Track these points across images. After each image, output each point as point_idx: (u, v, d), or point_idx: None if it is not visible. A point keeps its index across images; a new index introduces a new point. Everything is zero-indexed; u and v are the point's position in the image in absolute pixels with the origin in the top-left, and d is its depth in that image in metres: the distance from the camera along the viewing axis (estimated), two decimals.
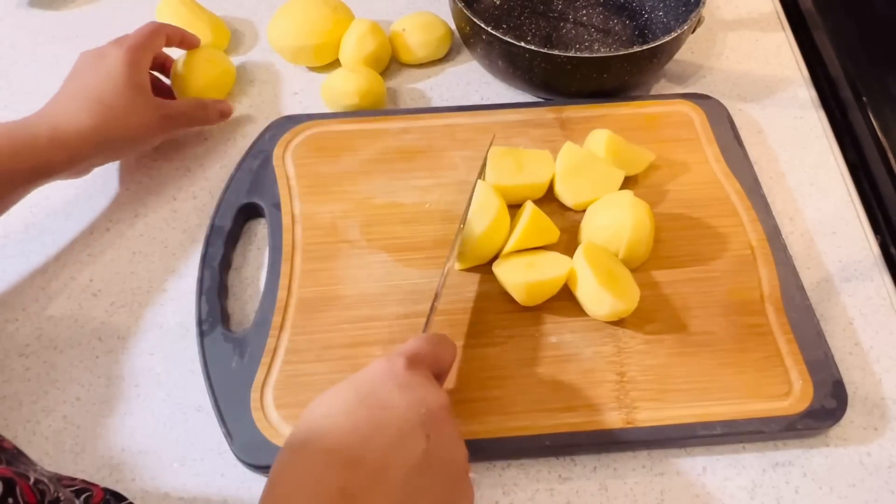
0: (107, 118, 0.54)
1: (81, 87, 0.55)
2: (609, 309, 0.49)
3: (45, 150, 0.51)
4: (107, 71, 0.55)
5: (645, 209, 0.53)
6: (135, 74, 0.56)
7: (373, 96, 0.64)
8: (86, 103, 0.54)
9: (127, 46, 0.56)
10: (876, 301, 0.55)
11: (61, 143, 0.52)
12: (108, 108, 0.54)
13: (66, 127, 0.53)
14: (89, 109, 0.54)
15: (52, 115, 0.54)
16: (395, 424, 0.37)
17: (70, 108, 0.54)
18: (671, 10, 0.70)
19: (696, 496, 0.47)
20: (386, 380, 0.39)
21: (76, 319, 0.54)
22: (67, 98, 0.55)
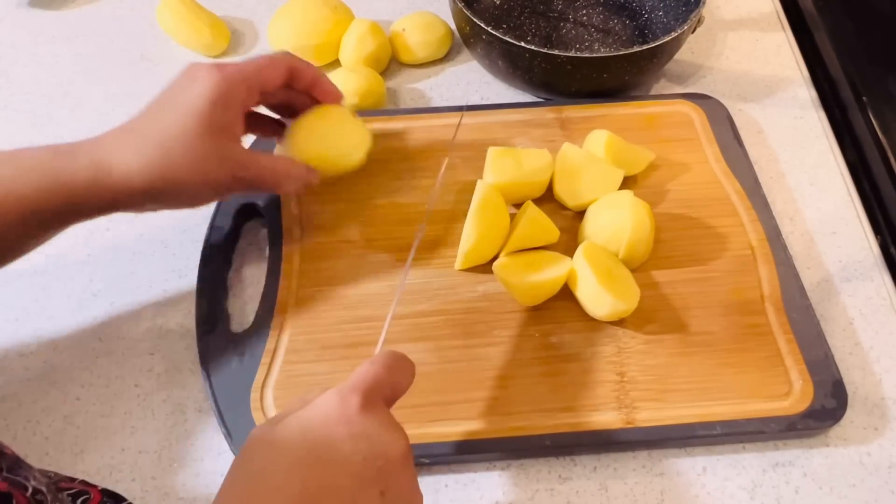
0: (162, 165, 0.43)
1: (150, 118, 0.45)
2: (609, 309, 0.49)
3: (82, 190, 0.43)
4: (185, 103, 0.44)
5: (645, 209, 0.53)
6: (218, 114, 0.44)
7: (373, 96, 0.64)
8: (144, 142, 0.44)
9: (223, 74, 0.45)
10: (876, 301, 0.55)
11: (102, 185, 0.43)
12: (168, 152, 0.44)
13: (112, 167, 0.43)
14: (144, 150, 0.44)
15: (102, 147, 0.44)
16: (348, 485, 0.33)
17: (125, 143, 0.44)
18: (671, 10, 0.70)
19: (696, 496, 0.47)
20: (338, 427, 0.34)
21: (76, 319, 0.54)
22: (130, 129, 0.45)
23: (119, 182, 0.43)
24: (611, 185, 0.56)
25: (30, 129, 0.66)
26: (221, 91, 0.45)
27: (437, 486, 0.47)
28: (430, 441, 0.46)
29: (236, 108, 0.46)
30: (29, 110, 0.67)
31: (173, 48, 0.71)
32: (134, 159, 0.43)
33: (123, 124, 0.46)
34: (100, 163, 0.43)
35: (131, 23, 0.74)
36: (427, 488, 0.47)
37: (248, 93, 0.47)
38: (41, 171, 0.43)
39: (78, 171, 0.43)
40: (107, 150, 0.44)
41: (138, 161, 0.43)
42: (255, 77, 0.47)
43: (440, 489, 0.47)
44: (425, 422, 0.47)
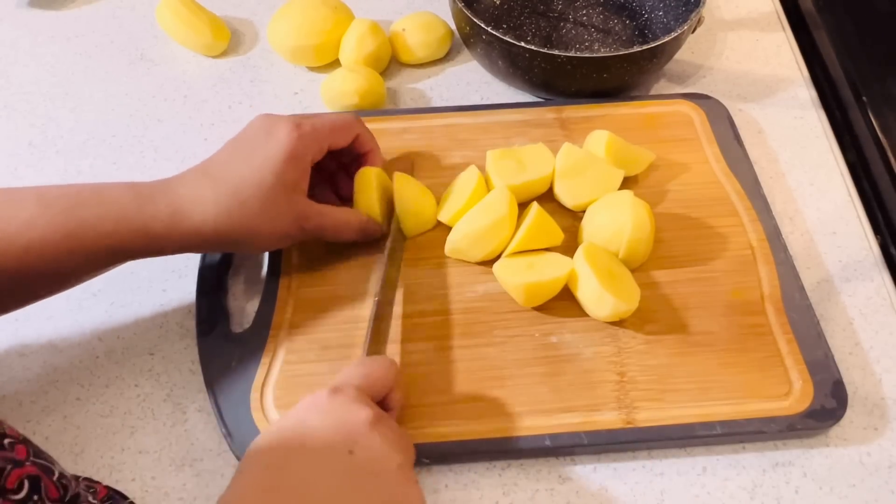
0: (237, 217, 0.46)
1: (227, 164, 0.48)
2: (610, 309, 0.49)
3: (159, 233, 0.45)
4: (262, 155, 0.47)
5: (645, 209, 0.53)
6: (290, 170, 0.47)
7: (373, 96, 0.64)
8: (220, 191, 0.46)
9: (299, 133, 0.48)
10: (876, 301, 0.55)
11: (179, 230, 0.45)
12: (243, 205, 0.46)
13: (190, 213, 0.45)
14: (222, 200, 0.46)
15: (179, 191, 0.46)
16: (315, 447, 0.39)
17: (202, 190, 0.46)
18: (671, 10, 0.70)
19: (696, 496, 0.47)
20: (307, 411, 0.40)
21: (76, 319, 0.54)
22: (207, 174, 0.47)
23: (195, 227, 0.46)
24: (611, 185, 0.56)
25: (30, 129, 0.66)
26: (297, 149, 0.48)
27: (437, 486, 0.47)
28: (430, 441, 0.46)
29: (307, 165, 0.49)
30: (29, 110, 0.67)
31: (173, 48, 0.71)
32: (211, 207, 0.46)
33: (198, 167, 0.48)
34: (178, 208, 0.45)
35: (131, 23, 0.74)
36: (427, 488, 0.47)
37: (319, 152, 0.50)
38: (123, 212, 0.45)
39: (157, 215, 0.45)
40: (184, 194, 0.46)
41: (216, 209, 0.46)
42: (327, 139, 0.51)
43: (440, 489, 0.47)
44: (425, 422, 0.47)
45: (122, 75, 0.70)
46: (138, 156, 0.63)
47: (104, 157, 0.63)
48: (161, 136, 0.65)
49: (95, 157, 0.63)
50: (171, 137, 0.65)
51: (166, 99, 0.68)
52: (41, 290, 0.47)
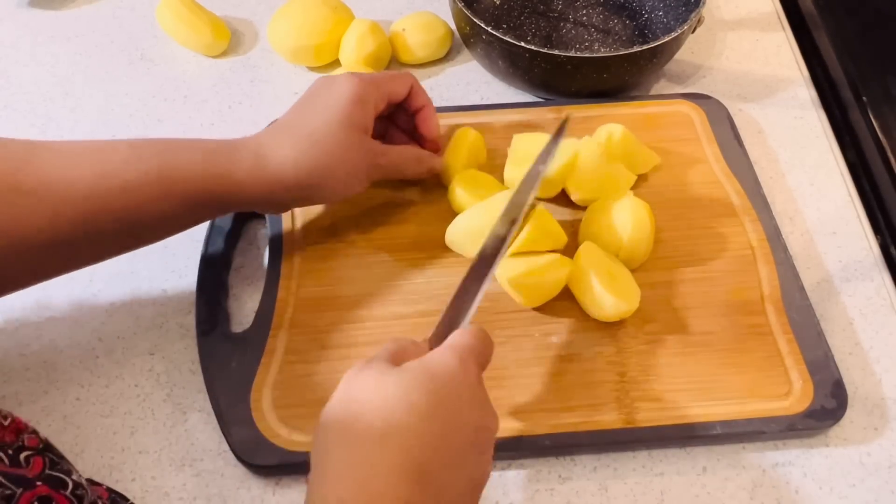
0: (315, 157, 0.49)
1: (299, 117, 0.51)
2: (610, 310, 0.49)
3: (243, 180, 0.47)
4: (329, 103, 0.50)
5: (645, 209, 0.53)
6: (357, 112, 0.50)
7: None
8: (296, 137, 0.49)
9: (359, 78, 0.51)
10: (876, 301, 0.55)
11: (261, 176, 0.48)
12: (318, 144, 0.49)
13: (271, 159, 0.48)
14: (298, 144, 0.49)
15: (260, 143, 0.49)
16: (461, 444, 0.36)
17: (280, 139, 0.49)
18: (671, 10, 0.70)
19: (696, 496, 0.47)
20: (462, 389, 0.37)
21: (76, 319, 0.54)
22: (282, 127, 0.50)
23: (276, 172, 0.48)
24: (622, 186, 0.56)
25: (30, 129, 0.66)
26: (359, 93, 0.50)
27: None
28: None
29: (370, 109, 0.51)
30: (29, 110, 0.67)
31: (173, 48, 0.71)
32: (290, 152, 0.48)
33: (274, 124, 0.52)
34: (259, 155, 0.48)
35: (131, 23, 0.74)
36: None
37: (379, 97, 0.52)
38: (210, 157, 0.47)
39: (241, 162, 0.48)
40: (264, 144, 0.49)
41: (294, 152, 0.48)
42: (386, 85, 0.53)
43: None
44: None
45: (122, 75, 0.70)
46: None
47: None
48: (161, 136, 0.65)
49: None
50: None
51: (166, 99, 0.68)
52: (144, 234, 0.48)
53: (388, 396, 0.35)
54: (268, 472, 0.47)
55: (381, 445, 0.34)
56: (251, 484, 0.47)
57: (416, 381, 0.36)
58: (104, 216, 0.45)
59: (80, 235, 0.44)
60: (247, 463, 0.46)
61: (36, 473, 0.34)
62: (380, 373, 0.37)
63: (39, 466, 0.34)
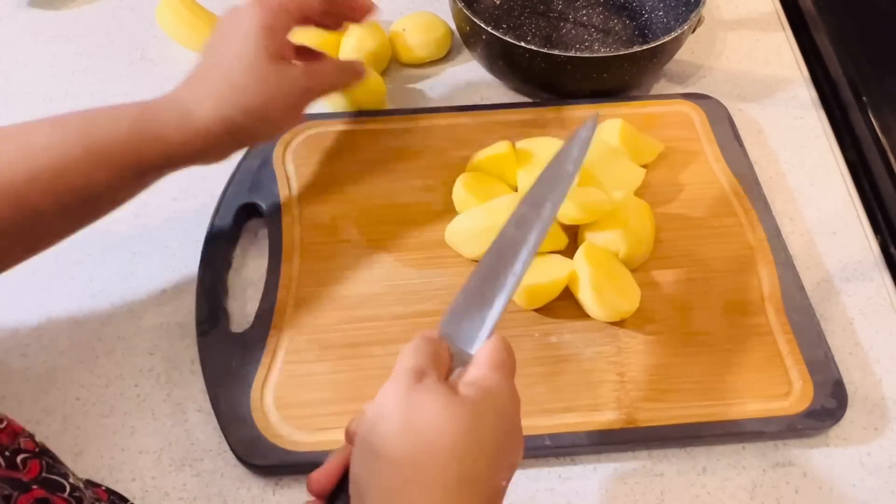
0: (237, 101, 0.47)
1: (212, 61, 0.49)
2: (611, 310, 0.49)
3: (173, 138, 0.46)
4: (238, 42, 0.48)
5: (645, 209, 0.53)
6: (269, 41, 0.48)
7: (373, 96, 0.64)
8: (215, 85, 0.48)
9: (261, 4, 0.48)
10: (876, 301, 0.55)
11: (191, 130, 0.47)
12: (237, 88, 0.47)
13: (193, 111, 0.47)
14: (218, 93, 0.47)
15: (182, 98, 0.48)
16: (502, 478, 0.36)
17: (200, 90, 0.48)
18: (671, 10, 0.70)
19: (696, 496, 0.47)
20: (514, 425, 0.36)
21: (76, 319, 0.54)
22: (198, 77, 0.49)
23: (202, 122, 0.47)
24: (632, 182, 0.56)
25: None
26: (265, 18, 0.48)
27: None
28: None
29: (283, 33, 0.49)
30: (29, 110, 0.67)
31: (173, 48, 0.71)
32: (209, 99, 0.47)
33: (190, 75, 0.50)
34: (182, 110, 0.47)
35: (131, 23, 0.74)
36: None
37: (290, 17, 0.50)
38: (134, 123, 0.46)
39: (167, 121, 0.47)
40: (184, 97, 0.48)
41: (216, 101, 0.47)
42: (294, 3, 0.50)
43: None
44: None
45: (122, 75, 0.70)
46: None
47: None
48: None
49: None
50: None
51: None
52: (88, 209, 0.47)
53: (460, 435, 0.33)
54: (268, 472, 0.47)
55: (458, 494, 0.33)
56: (251, 484, 0.47)
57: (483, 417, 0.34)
58: (37, 197, 0.44)
59: (18, 220, 0.44)
60: (247, 463, 0.46)
61: (32, 477, 0.34)
62: (442, 400, 0.34)
63: (36, 469, 0.34)
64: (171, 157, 0.47)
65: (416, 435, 0.33)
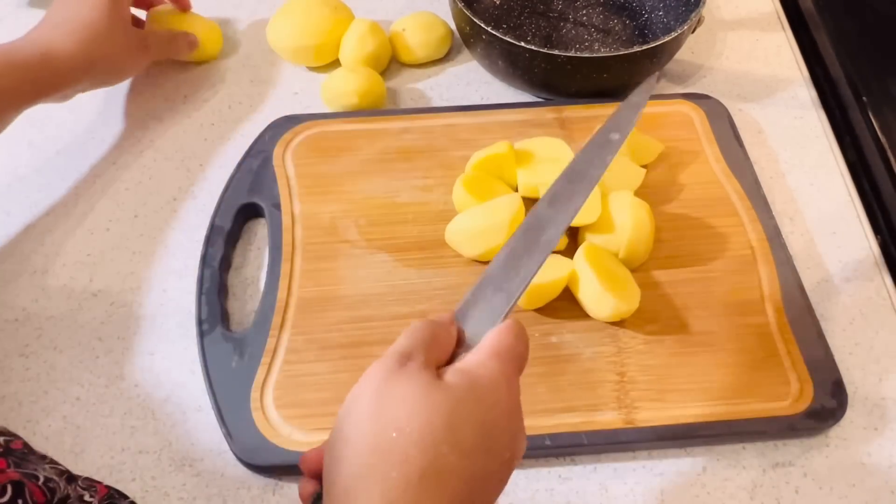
0: (93, 44, 0.58)
1: (67, 15, 0.58)
2: (611, 310, 0.49)
3: (36, 71, 0.55)
4: (91, 3, 0.59)
5: (645, 209, 0.53)
6: (117, 7, 0.59)
7: (373, 96, 0.64)
8: (73, 29, 0.57)
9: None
10: (876, 301, 0.55)
11: (51, 65, 0.56)
12: (94, 33, 0.58)
13: (56, 50, 0.56)
14: (76, 34, 0.57)
15: (40, 39, 0.57)
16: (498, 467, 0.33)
17: (58, 33, 0.57)
18: (671, 10, 0.70)
19: (696, 496, 0.47)
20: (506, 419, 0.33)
21: (76, 319, 0.54)
22: (53, 25, 0.58)
23: (64, 60, 0.57)
24: (632, 182, 0.56)
25: (29, 129, 0.65)
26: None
27: None
28: None
29: (127, 4, 0.62)
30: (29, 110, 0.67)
31: None
32: (72, 40, 0.57)
33: (41, 24, 0.58)
34: (45, 46, 0.56)
35: None
36: None
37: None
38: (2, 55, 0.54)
39: (32, 55, 0.55)
40: (47, 39, 0.57)
41: (76, 41, 0.57)
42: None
43: None
44: None
45: None
46: (138, 156, 0.63)
47: (104, 158, 0.63)
48: (161, 136, 0.65)
49: (95, 157, 0.63)
50: (171, 137, 0.65)
51: (166, 99, 0.68)
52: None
53: (430, 424, 0.31)
54: (268, 472, 0.47)
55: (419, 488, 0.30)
56: (251, 484, 0.47)
57: (462, 407, 0.32)
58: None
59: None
60: (247, 463, 0.46)
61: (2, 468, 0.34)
62: (419, 386, 0.32)
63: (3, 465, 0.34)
64: (33, 89, 0.56)
65: (384, 421, 0.31)
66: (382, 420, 0.31)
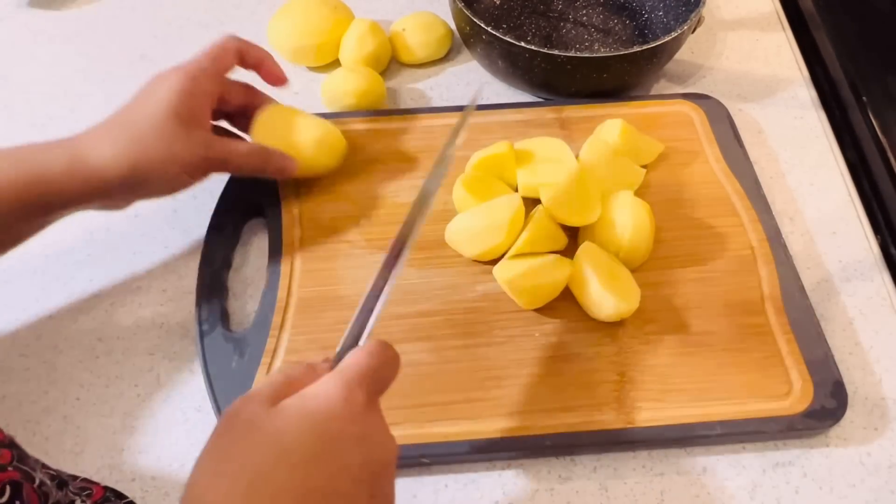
0: (135, 151, 0.47)
1: (123, 113, 0.49)
2: (611, 310, 0.49)
3: (58, 181, 0.46)
4: (157, 96, 0.49)
5: (645, 209, 0.53)
6: (185, 102, 0.48)
7: (373, 96, 0.64)
8: (117, 131, 0.48)
9: (185, 69, 0.50)
10: (876, 301, 0.55)
11: (80, 174, 0.46)
12: (140, 139, 0.47)
13: (88, 156, 0.46)
14: (118, 139, 0.47)
15: (78, 141, 0.48)
16: (346, 489, 0.32)
17: (101, 135, 0.48)
18: (671, 9, 0.70)
19: (696, 496, 0.47)
20: (344, 425, 0.33)
21: (76, 319, 0.54)
22: (105, 124, 0.49)
23: (95, 170, 0.46)
24: (632, 181, 0.56)
25: (29, 129, 0.66)
26: (185, 83, 0.49)
27: (437, 486, 0.47)
28: (430, 441, 0.46)
29: (201, 97, 0.50)
30: (29, 110, 0.67)
31: (173, 48, 0.72)
32: (108, 148, 0.47)
33: (98, 123, 0.49)
34: (76, 153, 0.47)
35: (131, 23, 0.74)
36: (427, 488, 0.47)
37: (210, 81, 0.51)
38: (18, 163, 0.46)
39: (54, 162, 0.46)
40: (83, 142, 0.47)
41: (113, 149, 0.47)
42: (212, 66, 0.51)
43: (440, 489, 0.47)
44: (425, 422, 0.47)
45: (122, 75, 0.70)
46: None
47: None
48: None
49: None
50: None
51: None
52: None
53: (256, 444, 0.32)
54: None
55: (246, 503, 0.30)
56: None
57: (288, 425, 0.32)
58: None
59: None
60: None
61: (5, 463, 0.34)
62: (252, 417, 0.33)
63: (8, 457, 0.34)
64: (57, 200, 0.46)
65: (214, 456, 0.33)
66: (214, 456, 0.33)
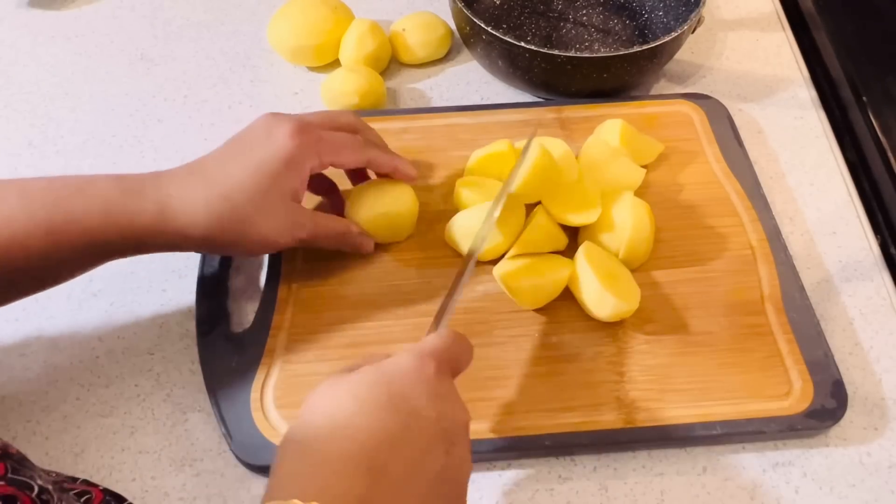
0: (226, 220, 0.44)
1: (221, 165, 0.46)
2: (611, 310, 0.49)
3: (146, 230, 0.44)
4: (259, 158, 0.45)
5: (645, 209, 0.53)
6: (286, 177, 0.45)
7: (373, 96, 0.64)
8: (212, 192, 0.44)
9: (302, 140, 0.46)
10: (876, 301, 0.55)
11: (166, 228, 0.44)
12: (234, 208, 0.44)
13: (178, 213, 0.44)
14: (211, 202, 0.44)
15: (168, 189, 0.44)
16: (424, 435, 0.35)
17: (193, 188, 0.45)
18: (671, 10, 0.70)
19: (696, 496, 0.47)
20: (417, 384, 0.36)
21: (76, 319, 0.54)
22: (199, 174, 0.45)
23: (183, 227, 0.44)
24: (632, 181, 0.56)
25: (30, 129, 0.66)
26: (296, 157, 0.46)
27: None
28: None
29: (304, 173, 0.47)
30: (29, 110, 0.67)
31: (173, 48, 0.72)
32: (201, 207, 0.44)
33: (192, 164, 0.47)
34: (166, 206, 0.44)
35: (131, 23, 0.74)
36: None
37: (320, 165, 0.48)
38: (108, 206, 0.43)
39: (144, 212, 0.44)
40: (173, 192, 0.44)
41: (206, 210, 0.44)
42: (331, 156, 0.48)
43: None
44: None
45: (122, 75, 0.70)
46: (138, 156, 0.63)
47: (104, 157, 0.63)
48: (161, 136, 0.65)
49: (95, 157, 0.63)
50: (171, 137, 0.65)
51: (166, 99, 0.68)
52: (24, 286, 0.46)
53: (337, 396, 0.36)
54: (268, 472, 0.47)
55: (329, 441, 0.34)
56: (251, 484, 0.47)
57: (365, 380, 0.36)
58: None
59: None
60: (247, 463, 0.46)
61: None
62: (335, 380, 0.37)
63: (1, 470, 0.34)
64: (138, 247, 0.45)
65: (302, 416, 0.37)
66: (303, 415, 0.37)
